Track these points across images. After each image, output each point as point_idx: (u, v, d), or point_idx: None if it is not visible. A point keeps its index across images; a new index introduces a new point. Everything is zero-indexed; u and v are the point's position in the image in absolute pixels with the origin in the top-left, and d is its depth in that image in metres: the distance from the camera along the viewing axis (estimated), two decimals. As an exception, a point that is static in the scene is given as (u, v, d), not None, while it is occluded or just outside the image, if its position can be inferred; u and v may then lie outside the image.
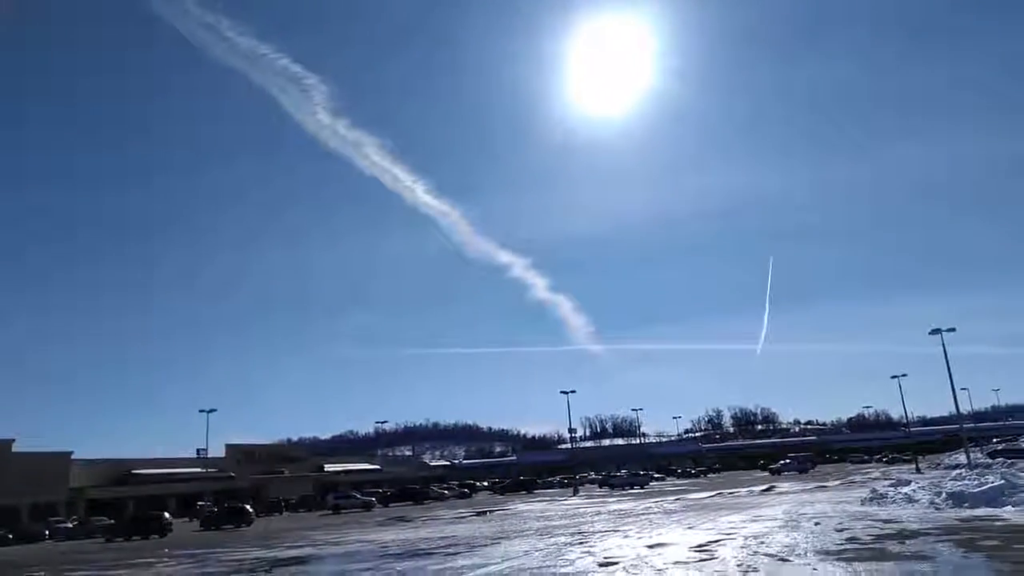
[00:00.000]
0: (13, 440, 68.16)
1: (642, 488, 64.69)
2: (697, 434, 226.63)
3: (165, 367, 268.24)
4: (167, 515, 44.03)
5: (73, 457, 73.38)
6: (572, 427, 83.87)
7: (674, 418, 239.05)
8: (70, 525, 55.47)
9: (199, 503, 68.25)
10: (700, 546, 15.67)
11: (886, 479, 36.13)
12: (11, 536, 51.05)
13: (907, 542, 13.85)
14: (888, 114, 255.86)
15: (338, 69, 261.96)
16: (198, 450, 75.03)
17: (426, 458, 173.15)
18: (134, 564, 22.54)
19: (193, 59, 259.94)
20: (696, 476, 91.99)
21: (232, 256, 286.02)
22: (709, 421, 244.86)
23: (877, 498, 25.14)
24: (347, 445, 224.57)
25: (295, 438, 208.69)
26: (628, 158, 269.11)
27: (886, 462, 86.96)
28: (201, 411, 69.88)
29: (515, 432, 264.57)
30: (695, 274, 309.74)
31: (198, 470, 79.33)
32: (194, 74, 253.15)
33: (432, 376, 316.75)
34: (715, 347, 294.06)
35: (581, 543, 18.41)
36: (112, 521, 50.45)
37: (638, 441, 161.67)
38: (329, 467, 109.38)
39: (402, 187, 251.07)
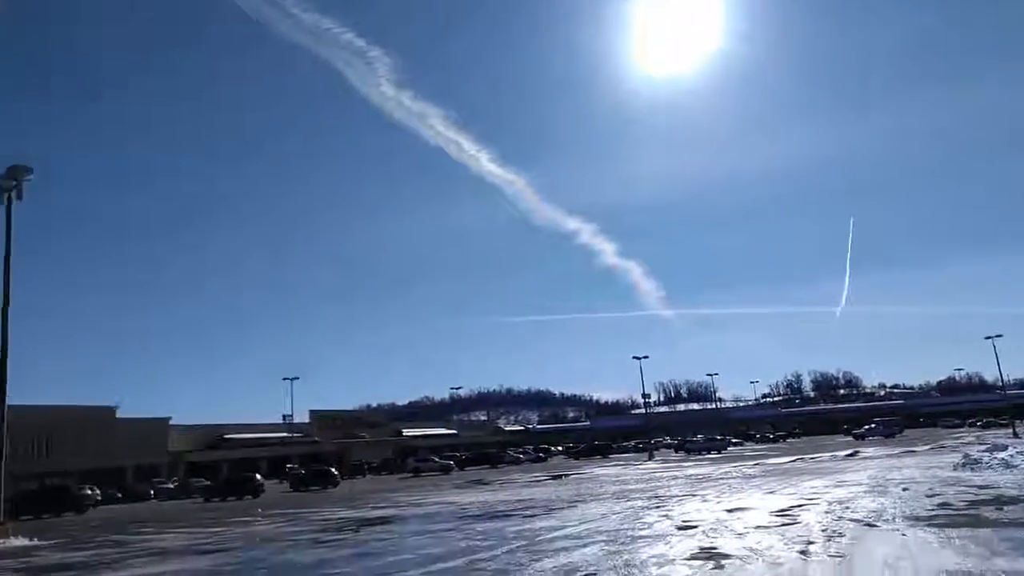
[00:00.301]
0: (117, 406, 73.43)
1: (719, 453, 63.99)
2: (776, 399, 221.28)
3: (248, 338, 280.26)
4: (259, 477, 46.52)
5: (170, 423, 78.34)
6: (646, 392, 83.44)
7: (751, 383, 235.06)
8: (171, 486, 59.51)
9: (287, 466, 71.63)
10: (782, 511, 15.34)
11: (980, 444, 34.51)
12: (120, 495, 55.23)
13: (1005, 508, 13.18)
14: (972, 59, 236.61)
15: (400, 41, 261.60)
16: (284, 416, 78.69)
17: (500, 423, 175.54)
18: (232, 522, 23.94)
19: (258, 36, 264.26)
20: (775, 441, 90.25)
21: (309, 229, 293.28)
22: (788, 385, 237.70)
23: (971, 463, 24.01)
24: (423, 410, 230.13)
25: (373, 404, 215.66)
26: (695, 120, 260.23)
27: (980, 426, 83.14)
28: (285, 379, 73.39)
29: (587, 397, 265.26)
30: (766, 237, 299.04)
31: (284, 435, 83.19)
32: (259, 52, 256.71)
33: (504, 343, 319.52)
34: (791, 310, 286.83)
35: (658, 507, 18.38)
36: (209, 482, 53.39)
37: (714, 406, 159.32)
38: (407, 432, 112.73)
39: (467, 157, 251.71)
